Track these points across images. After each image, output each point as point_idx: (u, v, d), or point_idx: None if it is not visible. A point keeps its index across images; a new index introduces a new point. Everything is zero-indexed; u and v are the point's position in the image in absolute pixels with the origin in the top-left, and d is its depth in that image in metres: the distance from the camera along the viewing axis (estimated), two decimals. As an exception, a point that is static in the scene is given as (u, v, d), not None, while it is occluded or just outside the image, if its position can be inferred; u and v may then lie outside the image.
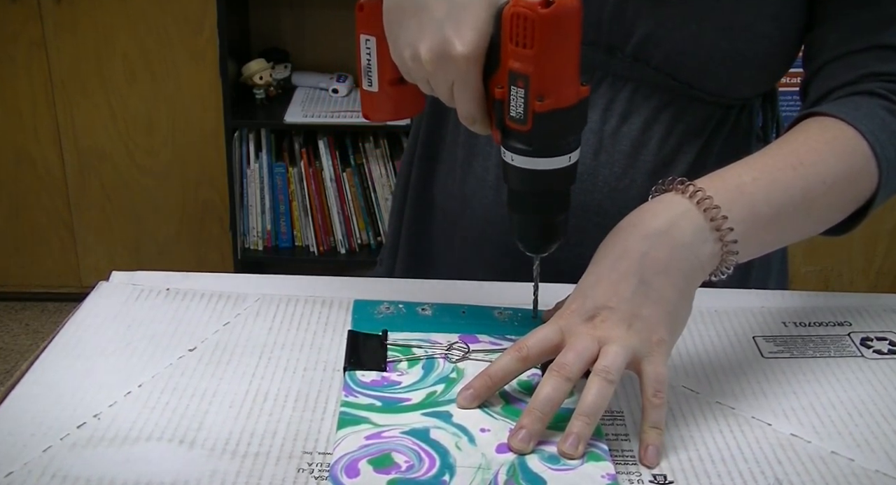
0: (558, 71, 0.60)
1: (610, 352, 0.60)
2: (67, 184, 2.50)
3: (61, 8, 2.31)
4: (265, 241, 2.40)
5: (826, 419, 0.65)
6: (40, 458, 0.58)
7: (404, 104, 0.72)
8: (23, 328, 2.55)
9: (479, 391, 0.62)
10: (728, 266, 0.65)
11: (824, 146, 0.70)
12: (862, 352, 0.73)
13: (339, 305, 0.76)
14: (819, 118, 0.72)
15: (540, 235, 0.67)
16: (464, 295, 0.78)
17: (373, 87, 0.70)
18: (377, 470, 0.56)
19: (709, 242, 0.64)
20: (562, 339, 0.62)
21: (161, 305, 0.75)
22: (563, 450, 0.58)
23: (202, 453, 0.59)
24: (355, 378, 0.65)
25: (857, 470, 0.60)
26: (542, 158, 0.62)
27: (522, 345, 0.62)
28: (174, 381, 0.66)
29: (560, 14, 0.58)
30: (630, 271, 0.62)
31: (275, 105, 2.31)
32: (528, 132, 0.61)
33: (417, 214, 0.93)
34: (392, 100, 0.71)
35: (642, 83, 0.79)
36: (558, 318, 0.63)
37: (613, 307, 0.61)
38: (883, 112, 0.72)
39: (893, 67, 0.73)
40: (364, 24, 0.68)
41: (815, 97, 0.77)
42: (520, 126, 0.61)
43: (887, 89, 0.73)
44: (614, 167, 0.81)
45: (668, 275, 0.62)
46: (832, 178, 0.69)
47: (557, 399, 0.59)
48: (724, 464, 0.60)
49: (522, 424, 0.59)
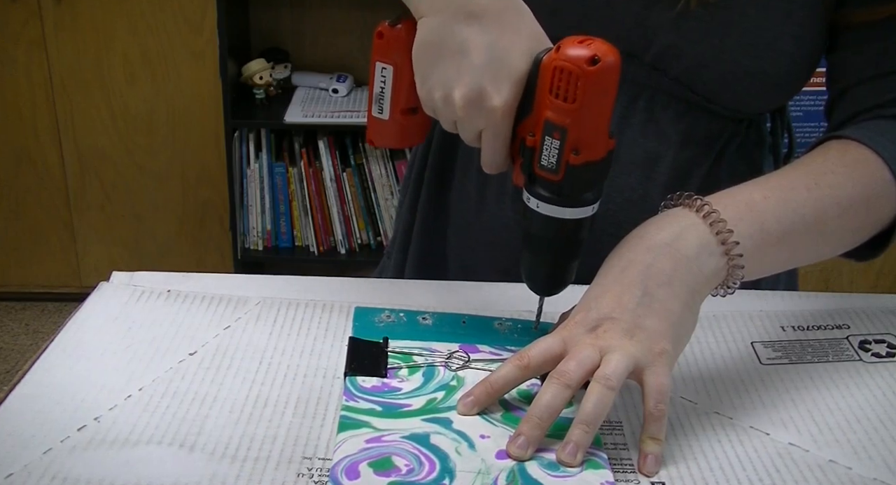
0: (596, 126, 0.60)
1: (611, 360, 0.59)
2: (67, 184, 2.50)
3: (61, 8, 2.31)
4: (265, 241, 2.40)
5: (824, 427, 0.65)
6: (40, 460, 0.58)
7: (412, 133, 0.71)
8: (23, 328, 2.56)
9: (480, 398, 0.62)
10: (735, 281, 0.65)
11: (842, 168, 0.70)
12: (860, 356, 0.73)
13: (340, 310, 0.76)
14: (841, 141, 0.72)
15: (550, 278, 0.67)
16: (464, 296, 0.78)
17: (383, 115, 0.70)
18: (377, 473, 0.57)
19: (714, 256, 0.64)
20: (564, 349, 0.62)
21: (162, 308, 0.75)
22: (562, 458, 0.58)
23: (202, 457, 0.59)
24: (356, 383, 0.66)
25: (854, 478, 0.60)
26: (569, 207, 0.62)
27: (524, 354, 0.62)
28: (175, 385, 0.66)
29: (605, 71, 0.58)
30: (634, 282, 0.62)
31: (275, 105, 2.31)
32: (559, 182, 0.61)
33: (431, 213, 0.93)
34: (401, 128, 0.70)
35: (659, 92, 0.79)
36: (562, 329, 0.64)
37: (616, 318, 0.61)
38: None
39: None
40: (382, 52, 0.67)
41: (839, 120, 0.77)
42: (551, 175, 0.61)
43: None
44: (630, 178, 0.81)
45: (671, 286, 0.62)
46: (847, 201, 0.69)
47: (557, 407, 0.59)
48: (723, 473, 0.60)
49: (521, 431, 0.59)
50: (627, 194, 0.81)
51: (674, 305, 0.62)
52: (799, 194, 0.68)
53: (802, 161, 0.72)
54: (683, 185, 0.81)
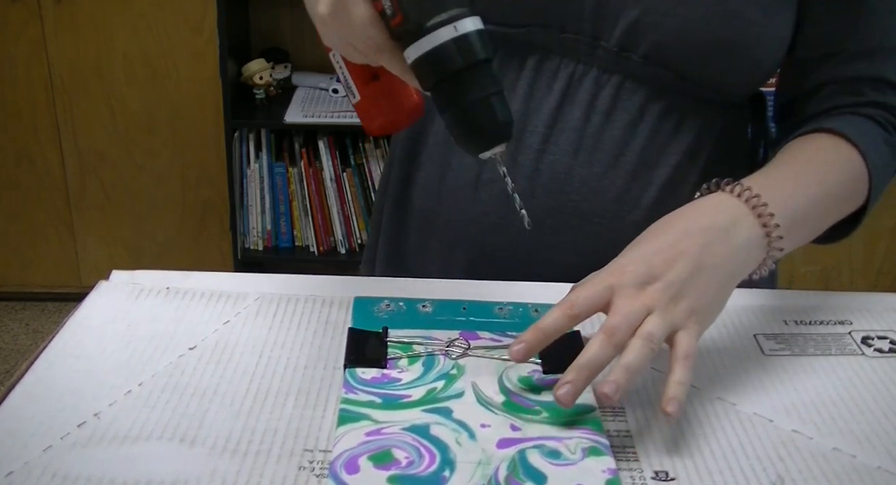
0: None
1: (654, 321, 0.61)
2: (67, 184, 2.50)
3: (61, 8, 2.31)
4: (265, 241, 2.40)
5: (827, 416, 0.65)
6: (41, 457, 0.58)
7: (392, 106, 0.71)
8: (23, 328, 2.56)
9: (532, 345, 0.62)
10: (764, 271, 0.69)
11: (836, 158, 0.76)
12: (863, 350, 0.73)
13: (340, 304, 0.76)
14: (828, 135, 0.78)
15: (472, 124, 0.62)
16: (464, 295, 0.78)
17: (356, 98, 0.70)
18: (377, 466, 0.56)
19: (760, 249, 0.68)
20: (610, 298, 0.62)
21: (161, 305, 0.75)
22: (604, 391, 0.58)
23: (203, 451, 0.59)
24: (355, 375, 0.65)
25: (858, 467, 0.60)
26: (426, 36, 0.60)
27: (572, 303, 0.62)
28: (174, 380, 0.66)
29: None
30: (690, 254, 0.64)
31: (275, 105, 2.31)
32: (402, 20, 0.60)
33: (395, 217, 0.93)
34: (376, 102, 0.70)
35: (628, 77, 0.79)
36: (610, 275, 0.63)
37: (669, 281, 0.63)
38: (880, 138, 0.79)
39: (891, 100, 0.80)
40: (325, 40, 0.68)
41: (812, 113, 0.82)
42: (397, 21, 0.61)
43: (886, 119, 0.80)
44: (594, 167, 0.80)
45: (719, 270, 0.64)
46: (845, 191, 0.76)
47: (602, 363, 0.60)
48: (726, 460, 0.60)
49: (568, 379, 0.59)
50: (592, 184, 0.80)
51: (715, 288, 0.65)
52: (813, 183, 0.73)
53: (803, 150, 0.77)
54: (651, 176, 0.81)
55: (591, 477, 0.56)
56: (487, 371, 0.66)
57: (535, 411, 0.62)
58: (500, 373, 0.66)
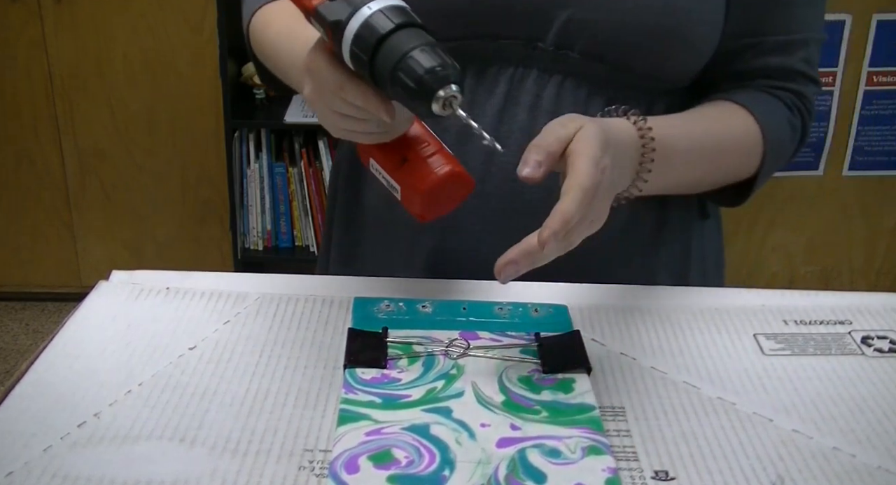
0: None
1: None
2: (67, 184, 2.50)
3: (61, 8, 2.31)
4: (265, 241, 2.40)
5: (827, 416, 0.65)
6: (41, 457, 0.58)
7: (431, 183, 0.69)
8: (23, 328, 2.55)
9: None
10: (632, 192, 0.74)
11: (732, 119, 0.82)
12: (863, 350, 0.73)
13: (340, 304, 0.76)
14: (731, 103, 0.83)
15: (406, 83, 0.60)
16: (464, 295, 0.78)
17: (397, 191, 0.70)
18: (377, 466, 0.56)
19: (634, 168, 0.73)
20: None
21: (161, 304, 0.75)
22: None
23: (203, 451, 0.59)
24: (355, 375, 0.65)
25: (859, 466, 0.60)
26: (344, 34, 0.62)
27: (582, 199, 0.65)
28: (174, 379, 0.66)
29: None
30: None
31: (275, 105, 2.31)
32: (332, 36, 0.63)
33: (347, 218, 0.92)
34: (412, 186, 0.69)
35: (568, 74, 0.80)
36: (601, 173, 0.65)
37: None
38: (783, 117, 0.84)
39: (800, 88, 0.85)
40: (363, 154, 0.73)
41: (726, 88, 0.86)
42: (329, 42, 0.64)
43: (794, 103, 0.85)
44: None
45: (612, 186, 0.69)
46: (735, 143, 0.82)
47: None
48: (726, 460, 0.60)
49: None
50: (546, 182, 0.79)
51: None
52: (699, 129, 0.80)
53: (701, 109, 0.83)
54: None
55: (590, 476, 0.56)
56: (487, 371, 0.66)
57: (535, 411, 0.62)
58: (499, 373, 0.66)
